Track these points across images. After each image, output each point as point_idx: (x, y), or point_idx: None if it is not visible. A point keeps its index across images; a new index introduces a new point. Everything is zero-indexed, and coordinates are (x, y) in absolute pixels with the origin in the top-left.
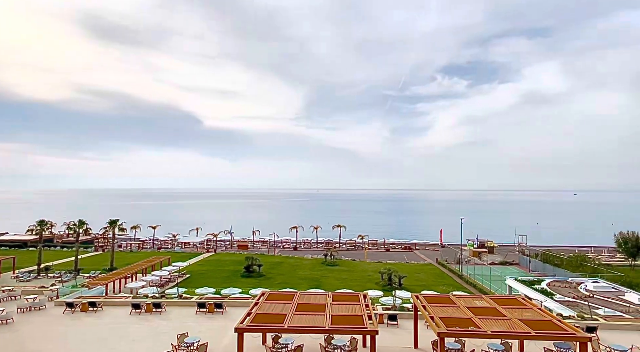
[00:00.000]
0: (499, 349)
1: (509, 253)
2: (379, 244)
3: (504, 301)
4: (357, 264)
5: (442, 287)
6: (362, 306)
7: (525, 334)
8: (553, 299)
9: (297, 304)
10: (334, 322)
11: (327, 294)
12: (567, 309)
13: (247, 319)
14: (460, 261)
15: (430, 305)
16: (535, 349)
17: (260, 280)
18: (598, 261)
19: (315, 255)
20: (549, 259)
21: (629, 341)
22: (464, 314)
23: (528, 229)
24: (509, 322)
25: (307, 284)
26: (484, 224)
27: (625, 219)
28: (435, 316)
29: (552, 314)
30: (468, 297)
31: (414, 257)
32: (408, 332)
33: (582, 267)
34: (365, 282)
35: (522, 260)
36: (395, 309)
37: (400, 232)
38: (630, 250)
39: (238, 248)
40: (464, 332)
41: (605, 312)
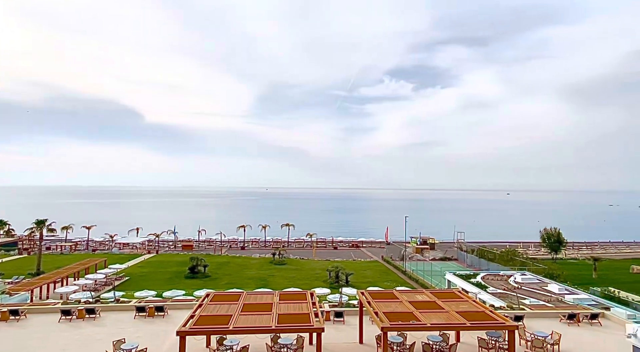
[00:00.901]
0: (438, 341)
1: (449, 249)
2: (327, 243)
3: (443, 295)
4: (306, 263)
5: (386, 283)
6: (309, 304)
7: (461, 325)
8: (486, 292)
9: (243, 305)
10: (280, 321)
11: (274, 294)
12: (498, 300)
13: (190, 321)
14: (404, 258)
15: (375, 301)
16: (470, 339)
17: (205, 281)
18: (526, 255)
19: (263, 254)
20: (483, 254)
21: (549, 327)
22: (406, 309)
23: (466, 226)
24: (447, 314)
25: (254, 284)
26: (426, 221)
27: (549, 217)
28: (379, 311)
29: (485, 305)
30: (410, 292)
31: (361, 255)
32: (354, 328)
33: (512, 261)
34: (313, 281)
35: (460, 255)
36: (342, 306)
37: (348, 230)
38: (552, 245)
39: (182, 248)
40: (406, 326)
41: (530, 302)
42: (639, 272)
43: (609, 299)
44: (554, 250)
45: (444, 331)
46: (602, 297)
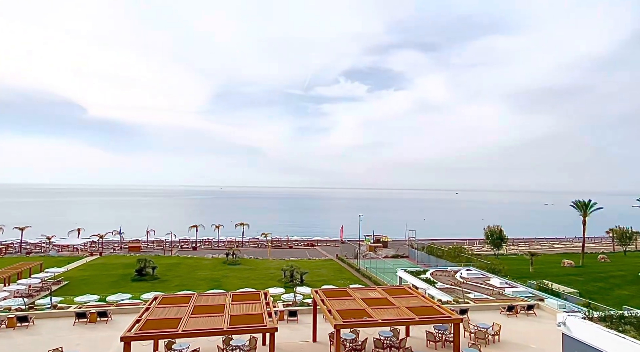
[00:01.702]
0: (389, 336)
1: (400, 247)
2: (282, 242)
3: (394, 291)
4: (260, 262)
5: (340, 281)
6: (262, 304)
7: (410, 320)
8: (435, 287)
9: (193, 307)
10: (233, 322)
11: (227, 294)
12: (446, 295)
13: (135, 326)
14: (358, 256)
15: (329, 299)
16: (419, 332)
17: (154, 283)
18: (471, 252)
19: (216, 255)
20: (433, 251)
21: (491, 318)
22: (359, 306)
23: (417, 224)
24: (398, 310)
25: (206, 285)
26: (380, 220)
27: (493, 215)
28: (332, 309)
29: (433, 300)
30: (363, 289)
31: (316, 254)
32: (307, 326)
33: (458, 258)
34: (268, 280)
35: (411, 253)
36: (296, 305)
37: (303, 229)
38: (495, 241)
39: (129, 250)
40: (358, 323)
41: (475, 295)
42: (569, 265)
43: (544, 291)
44: (496, 246)
45: (394, 326)
46: (538, 289)
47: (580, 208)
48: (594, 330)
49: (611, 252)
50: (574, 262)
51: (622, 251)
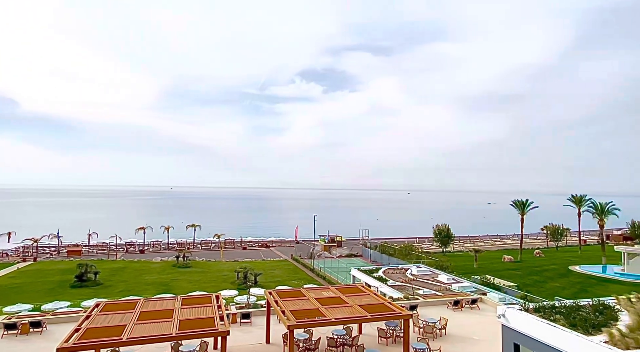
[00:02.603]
0: (342, 334)
1: (354, 246)
2: (235, 243)
3: (347, 290)
4: (213, 264)
5: (295, 281)
6: (214, 307)
7: (362, 318)
8: (387, 284)
9: (139, 313)
10: (182, 327)
11: (176, 299)
12: (397, 292)
13: (74, 336)
14: (312, 256)
15: (283, 300)
16: (371, 329)
17: (96, 289)
18: (421, 249)
19: (165, 258)
20: (385, 249)
21: (438, 313)
22: (312, 306)
23: (370, 224)
24: (351, 308)
25: (154, 290)
26: (334, 220)
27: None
28: (286, 309)
29: (385, 297)
30: (317, 289)
31: (271, 254)
32: (261, 328)
33: (409, 256)
34: (221, 283)
35: (364, 252)
36: (249, 307)
37: (257, 230)
38: (443, 239)
39: (68, 254)
40: (311, 323)
41: (424, 291)
42: (509, 261)
43: (486, 286)
44: (444, 244)
45: (347, 324)
46: (481, 284)
47: (518, 207)
48: (529, 320)
49: (545, 248)
50: (513, 258)
51: (554, 247)
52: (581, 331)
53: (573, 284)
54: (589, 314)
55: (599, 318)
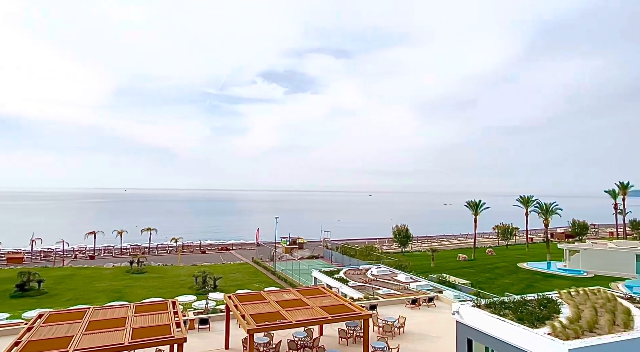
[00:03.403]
0: (302, 336)
1: (316, 248)
2: (194, 247)
3: (308, 292)
4: (170, 269)
5: (256, 284)
6: (170, 314)
7: (323, 319)
8: (348, 285)
9: (89, 322)
10: (135, 336)
11: (129, 306)
12: (357, 292)
13: (13, 350)
14: (274, 258)
15: (242, 304)
16: (332, 331)
17: (40, 299)
18: (381, 250)
19: (118, 263)
20: (346, 251)
21: (397, 312)
22: (273, 309)
23: (331, 226)
24: (312, 310)
25: (106, 298)
26: (296, 222)
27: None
28: (246, 313)
29: (345, 298)
30: (278, 291)
31: (231, 258)
32: (220, 333)
33: (370, 256)
34: (178, 288)
35: (326, 253)
36: (208, 312)
37: (217, 233)
38: (402, 239)
39: (7, 262)
40: (271, 326)
41: (384, 291)
42: (463, 259)
43: (442, 284)
44: (403, 244)
45: (308, 326)
46: (437, 282)
47: (472, 208)
48: (481, 316)
49: (497, 246)
50: (467, 256)
51: (505, 245)
52: (527, 324)
53: (521, 280)
54: (534, 308)
55: (543, 312)
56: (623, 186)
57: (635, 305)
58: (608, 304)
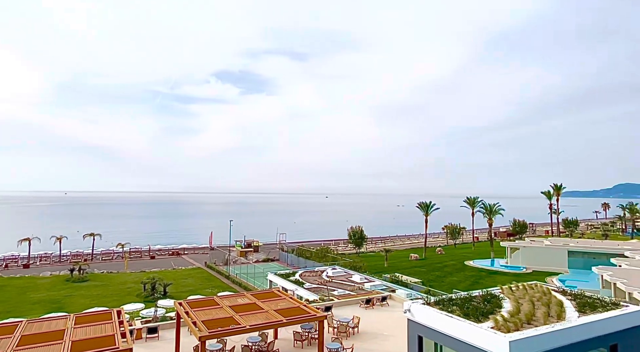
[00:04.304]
0: (257, 341)
1: (271, 250)
2: (142, 252)
3: (263, 295)
4: (115, 277)
5: (208, 290)
6: (114, 323)
7: (278, 323)
8: (303, 287)
9: (21, 337)
10: (75, 349)
11: (68, 317)
12: (313, 294)
13: None
14: (228, 262)
15: (194, 310)
16: (287, 334)
17: None
18: (336, 251)
19: (57, 271)
20: (302, 253)
21: (352, 312)
22: (226, 314)
23: (287, 228)
24: (266, 314)
25: (42, 309)
26: (251, 224)
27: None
28: (198, 320)
29: (301, 301)
30: (232, 296)
31: (183, 263)
32: (170, 342)
33: (325, 258)
34: (124, 296)
35: (282, 256)
36: (157, 320)
37: (168, 237)
38: (357, 241)
39: None
40: (225, 332)
41: (339, 292)
42: (415, 259)
43: (395, 283)
44: (358, 245)
45: (263, 330)
46: (391, 282)
47: (423, 209)
48: (431, 313)
49: (446, 245)
50: (418, 256)
51: (453, 244)
52: (473, 319)
53: (468, 277)
54: (479, 303)
55: (487, 307)
56: (557, 188)
57: (567, 297)
58: (544, 297)
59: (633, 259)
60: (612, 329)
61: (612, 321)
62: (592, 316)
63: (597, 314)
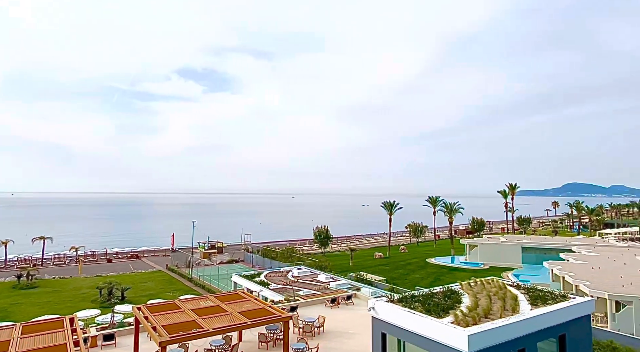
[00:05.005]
0: (220, 344)
1: (236, 251)
2: (99, 256)
3: (227, 297)
4: (68, 282)
5: (170, 293)
6: (66, 332)
7: (242, 325)
8: (269, 288)
9: None
10: None
11: (14, 327)
12: (278, 295)
13: None
14: (190, 264)
15: (154, 315)
16: (251, 336)
17: None
18: (302, 251)
19: (2, 278)
20: (267, 253)
21: (317, 312)
22: (188, 318)
23: (253, 228)
24: (230, 316)
25: None
26: (215, 225)
27: (322, 216)
28: (158, 325)
29: (266, 302)
30: (195, 299)
31: (142, 266)
32: (128, 349)
33: (291, 258)
34: (78, 302)
35: (247, 257)
36: (114, 326)
37: (126, 239)
38: (322, 240)
39: None
40: (186, 336)
41: (304, 292)
42: (379, 257)
43: (360, 282)
44: (324, 245)
45: (227, 333)
46: (356, 280)
47: (387, 208)
48: (394, 310)
49: (409, 244)
50: (383, 254)
51: (416, 242)
52: (434, 314)
53: (430, 274)
54: (440, 299)
55: (448, 302)
56: (512, 187)
57: (521, 291)
58: (500, 292)
59: (579, 254)
60: (560, 320)
61: (560, 313)
62: (543, 308)
63: (547, 307)
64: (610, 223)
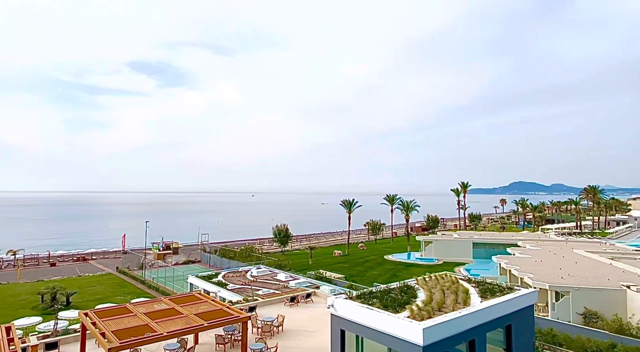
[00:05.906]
0: (175, 347)
1: (192, 252)
2: (40, 259)
3: (183, 299)
4: (5, 289)
5: (121, 297)
6: (2, 342)
7: (199, 327)
8: (226, 289)
9: None
10: None
11: None
12: (236, 295)
13: None
14: (143, 266)
15: (103, 320)
16: (208, 338)
17: None
18: (262, 250)
19: None
20: (225, 253)
21: (276, 311)
22: (141, 322)
23: (210, 228)
24: (186, 319)
25: None
26: (170, 225)
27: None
28: (107, 330)
29: (223, 303)
30: (148, 302)
31: (90, 269)
32: None
33: (250, 257)
34: (17, 309)
35: (204, 257)
36: (58, 334)
37: (72, 241)
38: (282, 239)
39: None
40: (138, 341)
41: (263, 292)
42: (338, 255)
43: (320, 279)
44: (283, 243)
45: (182, 336)
46: (315, 278)
47: (346, 206)
48: (352, 307)
49: (367, 241)
50: (342, 252)
51: (374, 240)
52: (391, 310)
53: (387, 271)
54: (397, 295)
55: (404, 297)
56: (464, 186)
57: (472, 285)
58: (452, 286)
59: (524, 248)
60: (507, 311)
61: (507, 304)
62: (491, 301)
63: (495, 299)
64: (551, 219)
